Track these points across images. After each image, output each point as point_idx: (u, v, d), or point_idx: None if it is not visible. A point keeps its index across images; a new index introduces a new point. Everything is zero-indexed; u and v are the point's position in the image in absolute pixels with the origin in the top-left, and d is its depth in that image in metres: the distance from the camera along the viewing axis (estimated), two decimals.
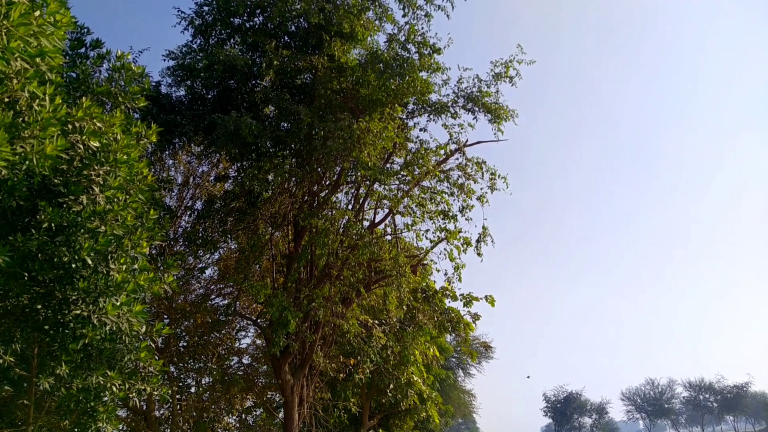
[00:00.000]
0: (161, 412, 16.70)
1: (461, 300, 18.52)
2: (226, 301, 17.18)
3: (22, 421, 8.06)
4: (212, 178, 17.17)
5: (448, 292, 19.20)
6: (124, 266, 6.55)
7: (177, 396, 16.26)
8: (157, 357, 8.28)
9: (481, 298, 18.04)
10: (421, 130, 15.99)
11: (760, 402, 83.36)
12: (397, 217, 15.43)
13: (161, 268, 8.02)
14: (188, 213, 16.47)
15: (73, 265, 5.94)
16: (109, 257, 6.36)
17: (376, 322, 18.43)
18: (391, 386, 20.45)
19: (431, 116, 14.97)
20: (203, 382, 18.07)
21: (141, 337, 7.16)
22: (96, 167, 6.16)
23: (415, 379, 20.92)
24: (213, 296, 17.37)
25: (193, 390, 17.70)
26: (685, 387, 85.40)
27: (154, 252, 14.88)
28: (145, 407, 14.98)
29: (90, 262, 6.00)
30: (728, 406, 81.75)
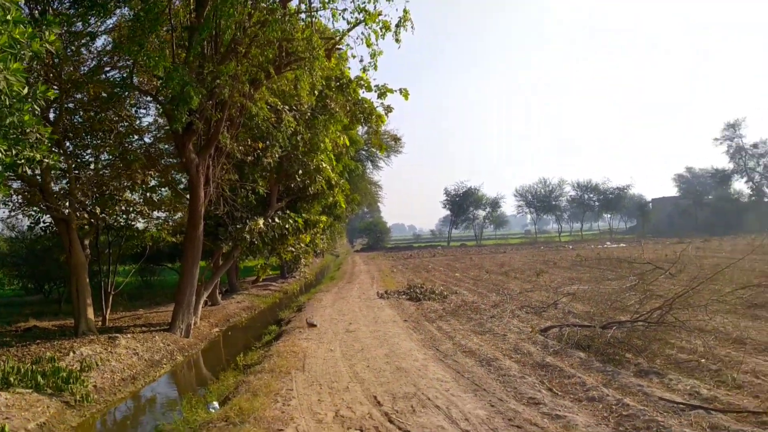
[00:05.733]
0: (58, 186, 16.17)
1: (375, 91, 18.27)
2: (122, 75, 15.86)
3: None
4: None
5: (362, 82, 18.81)
6: None
7: (75, 171, 15.66)
8: (45, 124, 7.74)
9: (395, 91, 17.85)
10: None
11: (636, 203, 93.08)
12: None
13: (43, 27, 7.07)
14: None
15: None
16: None
17: (287, 107, 17.98)
18: (300, 172, 20.81)
19: None
20: (102, 159, 17.42)
21: (24, 99, 6.51)
22: None
23: (324, 166, 21.33)
24: (107, 68, 15.92)
25: (92, 167, 17.07)
26: (573, 187, 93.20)
27: (36, 12, 13.13)
28: (40, 180, 14.38)
29: None
30: (608, 205, 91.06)
